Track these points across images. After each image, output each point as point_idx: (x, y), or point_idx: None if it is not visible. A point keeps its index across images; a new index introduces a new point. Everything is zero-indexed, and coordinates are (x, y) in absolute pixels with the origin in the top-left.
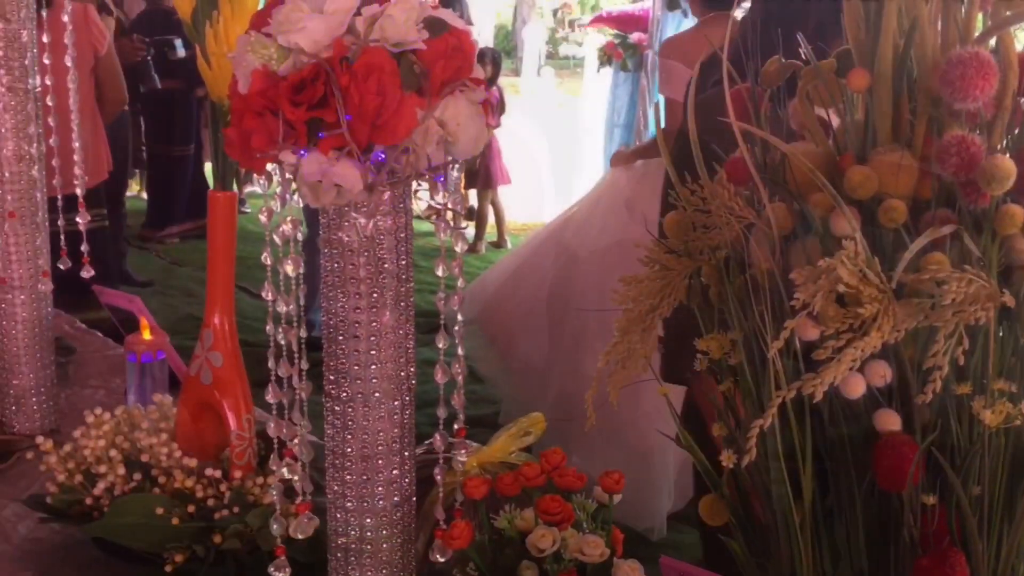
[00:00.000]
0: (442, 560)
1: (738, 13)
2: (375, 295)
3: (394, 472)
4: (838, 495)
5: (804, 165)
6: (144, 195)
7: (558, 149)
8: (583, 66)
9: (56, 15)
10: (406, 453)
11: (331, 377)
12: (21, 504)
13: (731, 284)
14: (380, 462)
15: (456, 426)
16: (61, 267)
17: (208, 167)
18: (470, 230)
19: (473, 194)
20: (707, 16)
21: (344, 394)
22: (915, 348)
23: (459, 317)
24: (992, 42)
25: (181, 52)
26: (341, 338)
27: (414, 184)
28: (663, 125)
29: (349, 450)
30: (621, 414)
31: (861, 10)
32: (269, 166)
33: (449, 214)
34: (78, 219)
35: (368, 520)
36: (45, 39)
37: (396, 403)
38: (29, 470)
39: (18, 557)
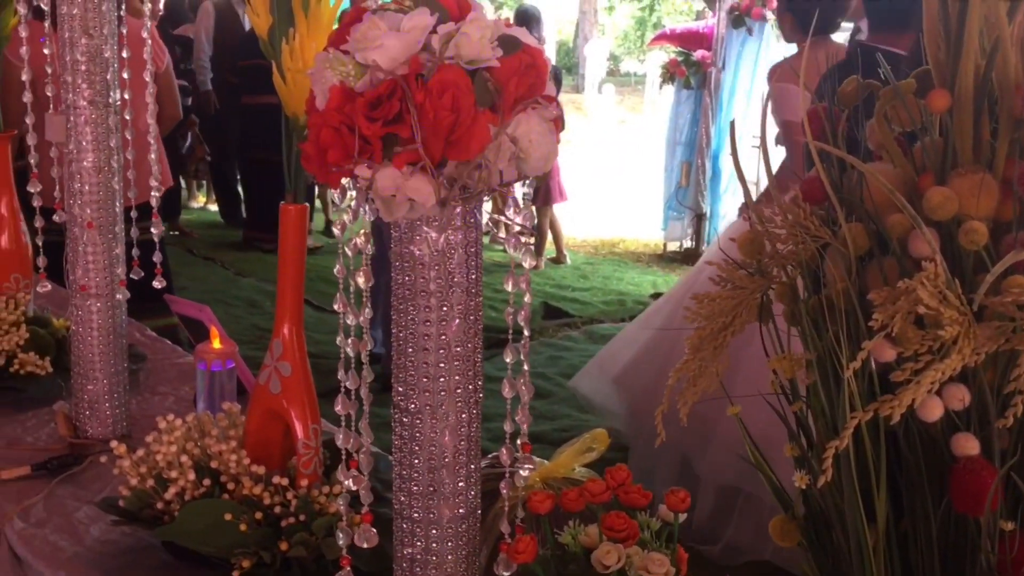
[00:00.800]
0: (506, 574)
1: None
2: (445, 308)
3: (460, 484)
4: (913, 519)
5: (883, 185)
6: (211, 207)
7: (619, 165)
8: (644, 83)
9: (132, 32)
10: (472, 466)
11: (399, 389)
12: (94, 506)
13: (804, 304)
14: (446, 474)
15: (519, 441)
16: (134, 277)
17: None
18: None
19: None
20: (811, 40)
21: (412, 406)
22: (995, 371)
23: (525, 332)
24: None
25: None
26: (411, 350)
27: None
28: (779, 144)
29: (416, 461)
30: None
31: (942, 31)
32: (344, 180)
33: (516, 229)
34: (153, 229)
35: (434, 531)
36: (125, 55)
37: (463, 415)
38: (102, 473)
39: (90, 558)
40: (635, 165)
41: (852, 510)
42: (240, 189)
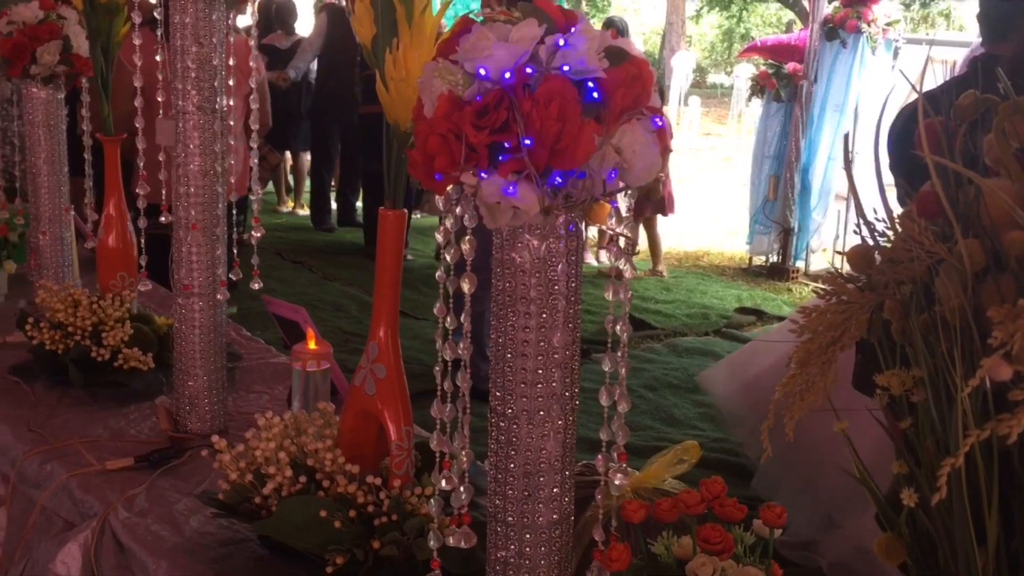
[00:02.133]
0: None
1: None
2: (545, 315)
3: (555, 490)
4: None
5: (1003, 201)
6: (299, 211)
7: (704, 177)
8: (731, 95)
9: (237, 41)
10: (567, 472)
11: (497, 393)
12: (194, 499)
13: (916, 320)
14: (542, 479)
15: (615, 452)
16: (233, 277)
17: None
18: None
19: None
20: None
21: (509, 410)
22: None
23: (623, 342)
24: None
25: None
26: (509, 356)
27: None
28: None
29: (512, 466)
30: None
31: None
32: (449, 187)
33: (617, 238)
34: (253, 232)
35: (528, 536)
36: (231, 62)
37: (560, 422)
38: (200, 467)
39: (190, 549)
40: (720, 177)
41: (962, 530)
42: (335, 197)
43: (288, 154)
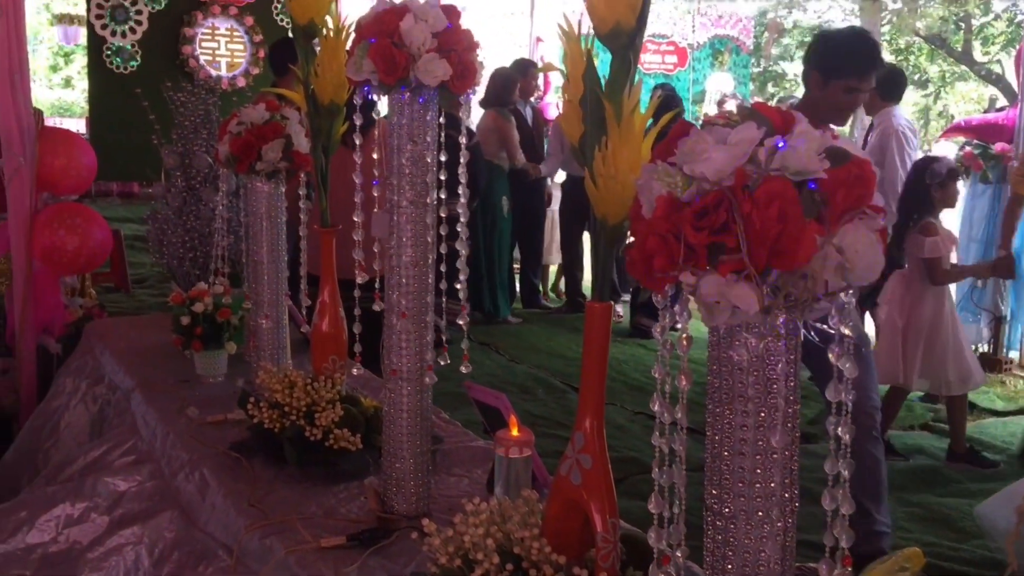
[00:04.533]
0: None
1: None
2: (763, 414)
3: None
4: None
5: None
6: None
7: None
8: None
9: None
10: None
11: (714, 492)
12: None
13: None
14: None
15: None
16: (441, 362)
17: None
18: None
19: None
20: None
21: (727, 510)
22: None
23: (845, 441)
24: None
25: None
26: (726, 454)
27: None
28: None
29: (729, 567)
30: None
31: None
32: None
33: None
34: (459, 321)
35: None
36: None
37: (779, 524)
38: (407, 548)
39: None
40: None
41: None
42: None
43: None
